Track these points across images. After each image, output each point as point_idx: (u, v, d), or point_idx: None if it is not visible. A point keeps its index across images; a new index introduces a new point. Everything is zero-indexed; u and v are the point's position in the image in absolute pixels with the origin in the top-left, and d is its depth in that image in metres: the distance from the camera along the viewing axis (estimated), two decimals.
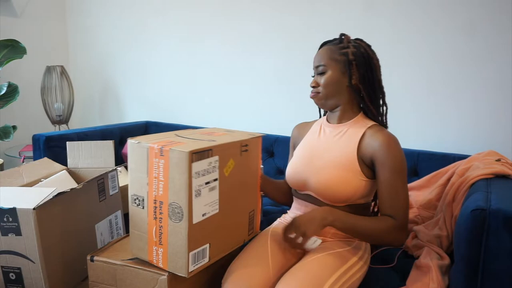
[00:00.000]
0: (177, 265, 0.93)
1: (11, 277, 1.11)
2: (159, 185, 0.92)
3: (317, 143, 1.20)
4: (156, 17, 2.49)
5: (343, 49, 1.13)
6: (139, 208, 0.97)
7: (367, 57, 1.12)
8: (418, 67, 1.69)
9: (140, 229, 0.98)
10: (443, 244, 1.22)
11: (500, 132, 1.55)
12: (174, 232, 0.91)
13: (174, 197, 0.90)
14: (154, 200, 0.94)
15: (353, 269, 1.04)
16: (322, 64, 1.14)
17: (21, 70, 2.70)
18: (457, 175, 1.34)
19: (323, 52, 1.15)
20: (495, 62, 1.53)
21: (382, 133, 1.09)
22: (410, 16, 1.67)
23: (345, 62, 1.12)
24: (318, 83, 1.15)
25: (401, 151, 1.07)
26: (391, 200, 1.05)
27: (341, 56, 1.12)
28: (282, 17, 2.01)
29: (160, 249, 0.95)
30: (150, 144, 0.92)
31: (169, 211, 0.91)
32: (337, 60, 1.13)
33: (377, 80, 1.14)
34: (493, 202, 0.91)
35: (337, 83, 1.13)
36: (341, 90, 1.14)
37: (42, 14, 2.85)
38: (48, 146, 1.88)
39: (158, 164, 0.91)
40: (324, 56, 1.14)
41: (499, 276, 0.89)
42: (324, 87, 1.14)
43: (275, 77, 2.07)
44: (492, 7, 1.50)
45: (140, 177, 0.95)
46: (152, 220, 0.95)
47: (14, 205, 1.04)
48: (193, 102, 2.43)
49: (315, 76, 1.17)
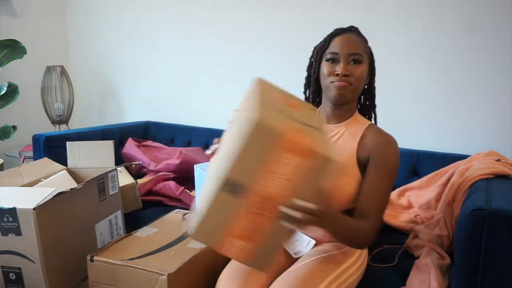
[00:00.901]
0: (261, 263, 0.86)
1: (11, 277, 1.11)
2: (281, 183, 0.78)
3: None
4: (156, 17, 2.49)
5: (366, 43, 1.09)
6: (231, 195, 0.79)
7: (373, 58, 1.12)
8: (418, 67, 1.68)
9: (220, 215, 0.82)
10: (444, 244, 1.22)
11: (500, 132, 1.55)
12: (277, 234, 0.82)
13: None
14: (265, 196, 0.79)
15: (348, 271, 1.03)
16: (359, 53, 1.03)
17: (21, 70, 2.69)
18: (457, 175, 1.34)
19: (357, 40, 1.06)
20: (496, 62, 1.53)
21: (381, 134, 1.07)
22: (411, 16, 1.67)
23: (370, 58, 1.09)
24: (352, 72, 1.03)
25: (398, 155, 1.04)
26: (371, 200, 1.01)
27: (368, 52, 1.09)
28: (283, 14, 2.00)
29: (245, 243, 0.83)
30: (285, 132, 0.75)
31: (283, 213, 0.79)
32: (367, 54, 1.08)
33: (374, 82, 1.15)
34: (493, 202, 0.91)
35: (365, 78, 1.08)
36: (362, 87, 1.10)
37: (42, 14, 2.85)
38: (48, 146, 1.88)
39: (291, 161, 0.76)
40: (359, 45, 1.05)
41: (499, 276, 0.89)
42: (358, 79, 1.04)
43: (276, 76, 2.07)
44: (492, 7, 1.50)
45: (251, 165, 0.77)
46: (247, 213, 0.81)
47: (14, 205, 1.04)
48: (193, 102, 2.43)
49: (344, 65, 1.02)
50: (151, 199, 1.74)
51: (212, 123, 2.32)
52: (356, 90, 1.06)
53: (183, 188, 1.73)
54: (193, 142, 2.25)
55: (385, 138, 1.06)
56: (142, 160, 2.03)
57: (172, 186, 1.72)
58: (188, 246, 1.11)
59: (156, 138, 2.39)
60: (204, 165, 1.54)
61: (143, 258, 1.04)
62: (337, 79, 1.03)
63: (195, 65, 2.38)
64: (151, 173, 1.99)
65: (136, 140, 2.26)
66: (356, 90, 1.06)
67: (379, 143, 1.05)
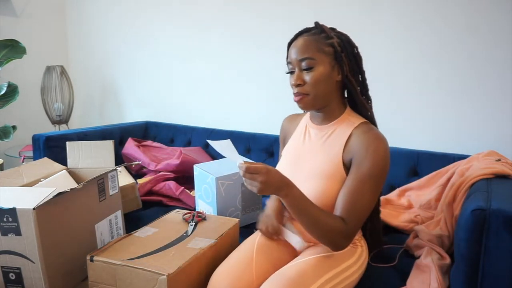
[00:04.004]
0: None
1: (11, 277, 1.11)
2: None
3: (302, 148, 1.12)
4: (156, 17, 2.49)
5: (328, 39, 1.00)
6: None
7: (352, 47, 1.03)
8: (418, 67, 1.68)
9: None
10: (444, 244, 1.21)
11: (500, 132, 1.55)
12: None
13: None
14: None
15: (346, 272, 1.01)
16: (308, 57, 0.99)
17: (21, 70, 2.69)
18: (457, 175, 1.34)
19: (307, 43, 1.00)
20: (496, 62, 1.53)
21: (370, 133, 0.99)
22: (411, 16, 1.67)
23: (333, 53, 1.00)
24: (304, 80, 1.00)
25: (385, 157, 0.97)
26: (350, 204, 0.96)
27: (329, 48, 1.00)
28: (285, 15, 2.00)
29: None
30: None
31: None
32: (326, 52, 1.00)
33: (362, 73, 1.06)
34: (493, 202, 0.91)
35: (328, 79, 1.00)
36: (331, 87, 1.02)
37: (42, 14, 2.85)
38: (48, 146, 1.89)
39: None
40: (310, 48, 0.99)
41: (499, 276, 0.89)
42: (314, 86, 1.00)
43: (276, 76, 2.07)
44: (492, 7, 1.50)
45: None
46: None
47: (14, 205, 1.04)
48: (193, 102, 2.43)
49: (297, 73, 1.01)
50: (151, 199, 1.74)
51: (212, 123, 2.32)
52: (318, 97, 1.01)
53: (183, 188, 1.73)
54: (193, 142, 2.25)
55: (369, 137, 0.98)
56: (142, 160, 2.03)
57: (172, 186, 1.72)
58: (188, 246, 1.11)
59: (156, 138, 2.39)
60: (204, 165, 1.54)
61: (143, 258, 1.04)
62: (294, 91, 1.02)
63: (195, 65, 2.38)
64: (151, 173, 1.99)
65: (136, 140, 2.26)
66: (318, 97, 1.01)
67: (363, 143, 0.98)
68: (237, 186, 1.43)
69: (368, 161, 0.96)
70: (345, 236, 0.96)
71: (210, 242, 1.14)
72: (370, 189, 0.96)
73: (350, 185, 0.97)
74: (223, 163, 1.53)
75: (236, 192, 1.43)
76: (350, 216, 0.96)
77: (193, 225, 1.25)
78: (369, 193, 0.96)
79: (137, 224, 1.36)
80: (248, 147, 2.04)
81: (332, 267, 1.00)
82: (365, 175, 0.96)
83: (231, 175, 1.42)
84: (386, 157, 0.97)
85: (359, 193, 0.96)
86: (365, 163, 0.96)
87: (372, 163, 0.96)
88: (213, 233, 1.20)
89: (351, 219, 0.96)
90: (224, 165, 1.51)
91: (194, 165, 1.53)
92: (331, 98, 1.04)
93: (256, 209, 1.51)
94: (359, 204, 0.96)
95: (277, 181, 0.90)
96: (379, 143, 0.97)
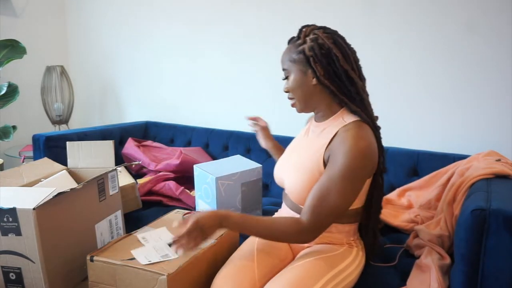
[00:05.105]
0: None
1: (11, 277, 1.11)
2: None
3: (300, 141, 1.17)
4: (156, 17, 2.49)
5: (300, 46, 1.04)
6: None
7: (326, 49, 1.01)
8: (417, 68, 1.69)
9: None
10: (444, 244, 1.21)
11: (500, 132, 1.55)
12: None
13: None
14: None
15: (343, 273, 1.02)
16: (284, 68, 1.09)
17: (21, 70, 2.69)
18: (457, 175, 1.34)
19: (284, 54, 1.09)
20: (496, 62, 1.53)
21: (349, 132, 0.98)
22: (412, 16, 1.67)
23: (303, 60, 1.03)
24: (287, 87, 1.10)
25: (359, 157, 0.95)
26: (315, 200, 0.97)
27: (299, 55, 1.04)
28: (285, 15, 2.00)
29: None
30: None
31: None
32: (295, 60, 1.05)
33: (344, 71, 1.01)
34: (493, 202, 0.91)
35: (303, 84, 1.05)
36: (310, 91, 1.06)
37: (42, 14, 2.85)
38: (48, 146, 1.88)
39: None
40: (284, 59, 1.09)
41: (499, 276, 0.89)
42: (293, 92, 1.09)
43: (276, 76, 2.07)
44: (493, 7, 1.50)
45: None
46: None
47: (14, 205, 1.04)
48: (193, 102, 2.43)
49: (285, 82, 1.11)
50: (151, 199, 1.74)
51: (212, 123, 2.32)
52: (301, 101, 1.09)
53: (183, 188, 1.73)
54: (193, 142, 2.25)
55: (347, 136, 0.97)
56: (142, 160, 2.03)
57: (172, 186, 1.72)
58: None
59: (156, 138, 2.39)
60: (204, 165, 1.54)
61: None
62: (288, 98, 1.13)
63: (195, 65, 2.38)
64: (151, 173, 1.99)
65: (136, 140, 2.26)
66: (302, 100, 1.09)
67: (340, 141, 0.98)
68: (237, 186, 1.43)
69: (341, 160, 0.96)
70: (305, 233, 0.97)
71: (210, 242, 1.14)
72: (339, 189, 0.96)
73: (320, 182, 0.99)
74: (223, 163, 1.53)
75: (236, 192, 1.43)
76: (313, 212, 0.97)
77: None
78: (337, 193, 0.96)
79: (137, 224, 1.36)
80: (248, 147, 2.04)
81: (331, 268, 1.01)
82: (335, 174, 0.96)
83: (231, 175, 1.42)
84: (360, 157, 0.95)
85: (327, 191, 0.96)
86: (338, 161, 0.97)
87: (344, 162, 0.95)
88: None
89: (313, 215, 0.97)
90: (224, 165, 1.51)
91: (194, 165, 1.53)
92: (316, 100, 1.08)
93: (256, 209, 1.51)
94: (325, 202, 0.96)
95: (211, 222, 0.97)
96: (355, 142, 0.96)
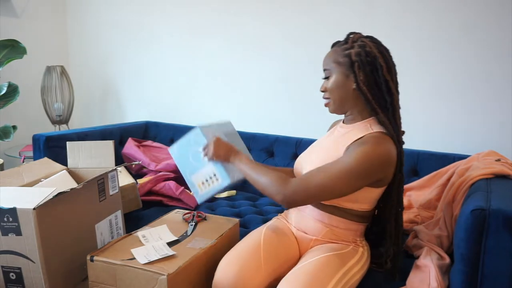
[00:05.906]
0: None
1: (11, 277, 1.11)
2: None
3: (324, 140, 1.20)
4: (156, 17, 2.49)
5: (347, 50, 1.08)
6: None
7: (372, 57, 1.04)
8: (417, 68, 1.69)
9: None
10: (443, 244, 1.22)
11: (500, 132, 1.55)
12: None
13: None
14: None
15: (353, 269, 1.04)
16: (326, 68, 1.12)
17: (21, 70, 2.69)
18: (457, 175, 1.34)
19: (329, 55, 1.12)
20: (497, 62, 1.53)
21: (374, 138, 1.01)
22: (413, 16, 1.67)
23: (347, 64, 1.07)
24: (325, 87, 1.13)
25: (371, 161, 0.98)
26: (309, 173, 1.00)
27: (344, 58, 1.07)
28: (285, 16, 2.00)
29: None
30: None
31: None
32: (340, 62, 1.08)
33: (385, 81, 1.05)
34: (493, 202, 0.91)
35: (343, 87, 1.08)
36: (348, 95, 1.09)
37: (42, 14, 2.85)
38: (48, 146, 1.88)
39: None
40: (328, 60, 1.12)
41: (499, 276, 0.89)
42: (330, 92, 1.11)
43: (275, 76, 2.07)
44: (495, 6, 1.50)
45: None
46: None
47: (14, 205, 1.04)
48: (193, 102, 2.43)
49: (324, 81, 1.14)
50: (151, 199, 1.74)
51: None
52: (336, 102, 1.11)
53: (183, 188, 1.73)
54: None
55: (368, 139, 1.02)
56: (142, 160, 2.03)
57: (172, 186, 1.72)
58: (188, 246, 1.11)
59: (156, 138, 2.39)
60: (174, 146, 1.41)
61: None
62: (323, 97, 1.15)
63: (195, 65, 2.38)
64: (151, 173, 1.99)
65: (136, 140, 2.26)
66: (337, 102, 1.11)
67: (361, 142, 1.02)
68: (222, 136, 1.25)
69: (353, 153, 0.99)
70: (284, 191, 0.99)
71: (210, 242, 1.14)
72: (336, 174, 0.97)
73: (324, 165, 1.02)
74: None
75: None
76: (300, 182, 0.99)
77: (193, 225, 1.26)
78: (332, 175, 0.98)
79: (137, 224, 1.36)
80: (248, 147, 2.04)
81: (342, 265, 1.03)
82: (342, 161, 0.99)
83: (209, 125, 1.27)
84: (372, 160, 0.98)
85: (327, 169, 0.99)
86: (351, 153, 1.00)
87: (355, 156, 0.98)
88: (213, 233, 1.20)
89: (301, 180, 1.00)
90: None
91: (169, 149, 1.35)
92: (351, 103, 1.11)
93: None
94: (314, 178, 0.99)
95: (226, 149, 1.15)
96: (374, 147, 0.99)
